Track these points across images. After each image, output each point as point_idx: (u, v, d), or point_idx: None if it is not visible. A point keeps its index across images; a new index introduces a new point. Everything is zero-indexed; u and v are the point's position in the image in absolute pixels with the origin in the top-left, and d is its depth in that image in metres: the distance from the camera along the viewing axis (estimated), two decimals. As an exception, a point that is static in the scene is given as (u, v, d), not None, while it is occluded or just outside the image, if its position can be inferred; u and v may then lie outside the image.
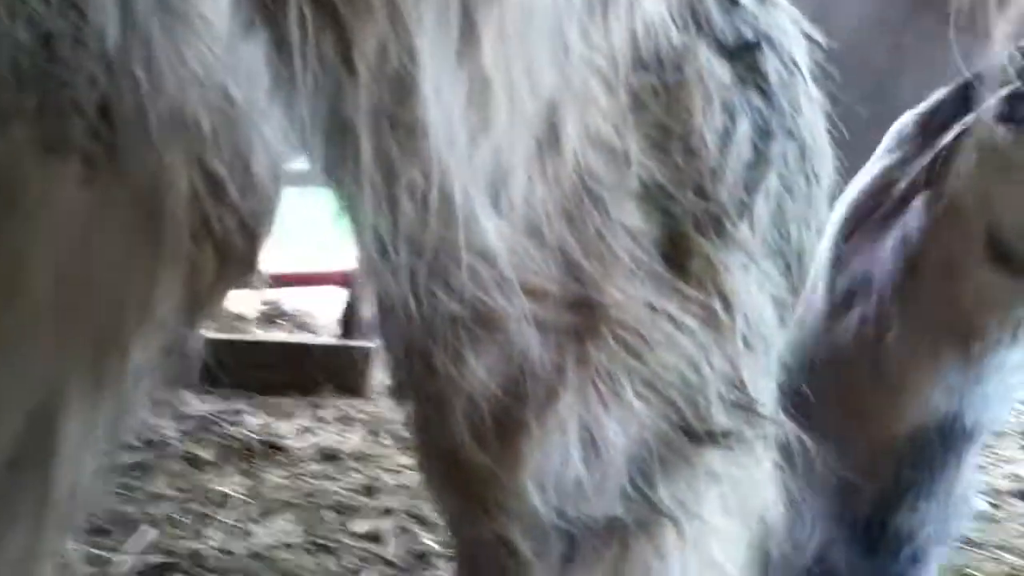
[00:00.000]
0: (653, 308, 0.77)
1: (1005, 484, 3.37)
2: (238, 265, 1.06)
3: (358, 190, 0.68)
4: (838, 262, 1.45)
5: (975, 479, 1.59)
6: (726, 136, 0.81)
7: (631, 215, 0.77)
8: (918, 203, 1.41)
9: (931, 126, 1.44)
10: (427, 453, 0.85)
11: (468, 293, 0.71)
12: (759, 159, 0.83)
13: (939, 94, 1.46)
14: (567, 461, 0.74)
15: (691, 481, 0.80)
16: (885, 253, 1.44)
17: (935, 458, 1.44)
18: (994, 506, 3.17)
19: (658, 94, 0.79)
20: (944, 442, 1.43)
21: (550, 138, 0.74)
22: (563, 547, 0.77)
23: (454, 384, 0.75)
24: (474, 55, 0.66)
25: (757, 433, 0.82)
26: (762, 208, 0.83)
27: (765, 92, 0.84)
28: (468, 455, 0.75)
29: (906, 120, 1.48)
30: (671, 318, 0.77)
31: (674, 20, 0.80)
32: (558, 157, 0.74)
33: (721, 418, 0.79)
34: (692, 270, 0.79)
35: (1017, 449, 3.68)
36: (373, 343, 3.29)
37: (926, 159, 1.40)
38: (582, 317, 0.75)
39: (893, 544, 1.49)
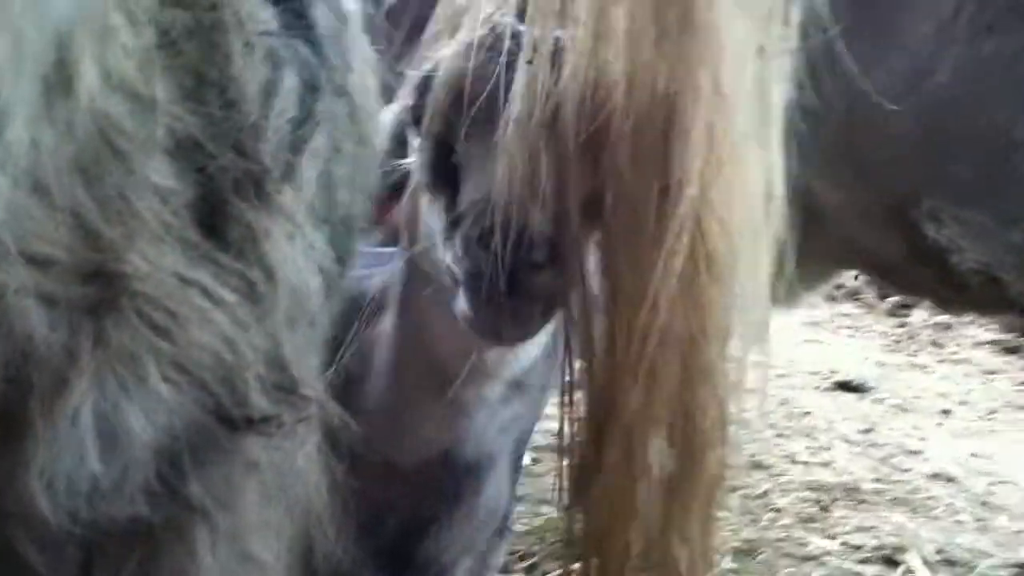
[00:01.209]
0: (184, 280, 0.75)
1: (542, 439, 3.82)
2: None
3: None
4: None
5: (504, 495, 1.75)
6: (269, 88, 0.81)
7: (160, 173, 0.75)
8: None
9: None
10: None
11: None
12: (306, 116, 0.84)
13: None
14: (81, 458, 0.70)
15: (227, 471, 0.80)
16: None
17: (447, 490, 1.58)
18: (534, 461, 3.59)
19: (192, 35, 0.77)
20: (452, 474, 1.57)
21: (60, 78, 0.69)
22: (80, 556, 0.74)
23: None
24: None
25: (300, 416, 0.83)
26: (308, 170, 0.84)
27: (313, 43, 0.85)
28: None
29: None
30: (205, 291, 0.76)
31: (212, -48, 0.77)
32: (70, 101, 0.70)
33: (261, 402, 0.80)
34: (230, 238, 0.78)
35: (552, 406, 4.17)
36: None
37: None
38: (99, 289, 0.72)
39: (420, 569, 1.63)
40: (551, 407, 4.20)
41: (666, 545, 1.30)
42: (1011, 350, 7.21)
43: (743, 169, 1.19)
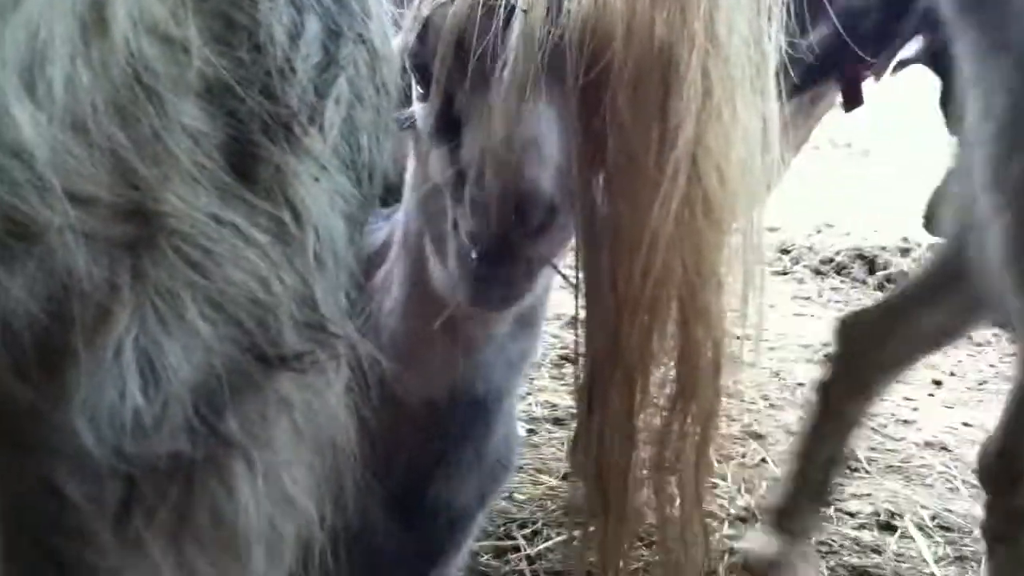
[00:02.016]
0: (218, 219, 0.77)
1: (540, 411, 3.90)
2: None
3: None
4: None
5: (511, 438, 1.78)
6: (295, 33, 0.83)
7: (192, 115, 0.77)
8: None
9: None
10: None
11: (-3, 198, 0.66)
12: (329, 61, 0.86)
13: None
14: (123, 392, 0.73)
15: (262, 409, 0.83)
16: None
17: (455, 428, 1.60)
18: (531, 432, 3.65)
19: (220, -21, 0.78)
20: (460, 411, 1.59)
21: (96, 19, 0.71)
22: (120, 491, 0.76)
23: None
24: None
25: (330, 354, 0.85)
26: (333, 115, 0.86)
27: (334, -11, 0.87)
28: (5, 389, 0.70)
29: None
30: (238, 230, 0.79)
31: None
32: (106, 42, 0.72)
33: (293, 339, 0.82)
34: (260, 179, 0.81)
35: (549, 379, 4.25)
36: None
37: None
38: (137, 227, 0.74)
39: (430, 514, 1.64)
40: (547, 380, 4.26)
41: (663, 486, 1.37)
42: (998, 323, 7.28)
43: (738, 116, 1.24)
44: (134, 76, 0.74)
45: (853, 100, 4.21)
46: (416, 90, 1.36)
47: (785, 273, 8.60)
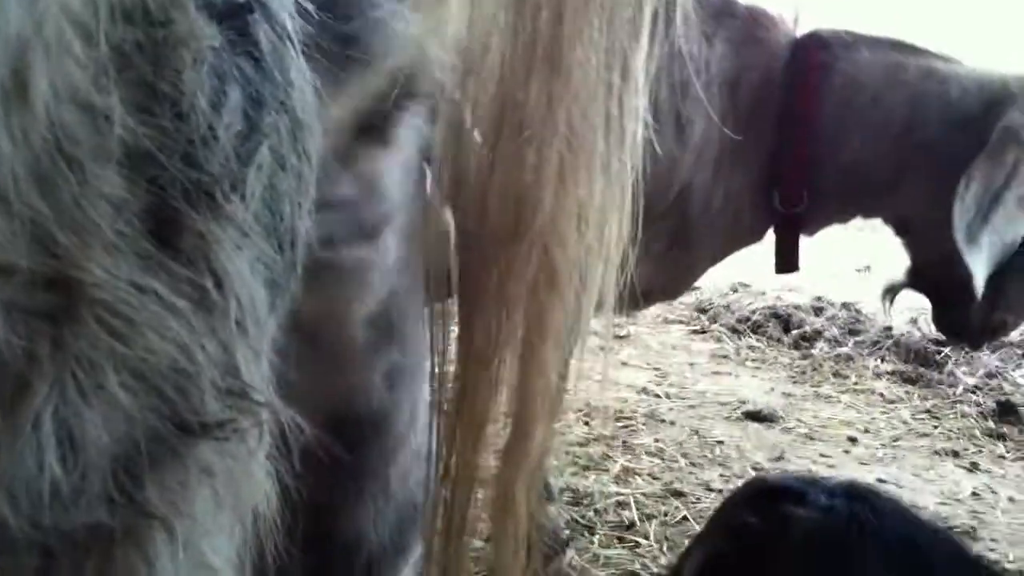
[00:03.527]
0: (139, 287, 0.78)
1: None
2: None
3: None
4: None
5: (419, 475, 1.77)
6: (217, 102, 0.84)
7: (113, 183, 0.77)
8: None
9: None
10: None
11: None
12: (251, 130, 0.87)
13: None
14: (41, 464, 0.72)
15: (182, 477, 0.82)
16: None
17: (357, 453, 1.57)
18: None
19: (143, 49, 0.80)
20: (356, 434, 1.55)
21: (16, 87, 0.72)
22: (37, 563, 0.75)
23: None
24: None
25: (252, 421, 0.85)
26: (255, 182, 0.87)
27: (257, 60, 0.89)
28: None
29: None
30: (159, 298, 0.79)
31: (159, -30, 0.80)
32: (26, 111, 0.72)
33: (214, 407, 0.82)
34: (182, 246, 0.81)
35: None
36: None
37: None
38: (58, 297, 0.74)
39: (343, 555, 1.59)
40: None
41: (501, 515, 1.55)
42: (910, 380, 7.53)
43: (590, 201, 1.40)
44: (55, 144, 0.74)
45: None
46: None
47: (703, 332, 8.75)
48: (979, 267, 3.75)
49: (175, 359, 0.81)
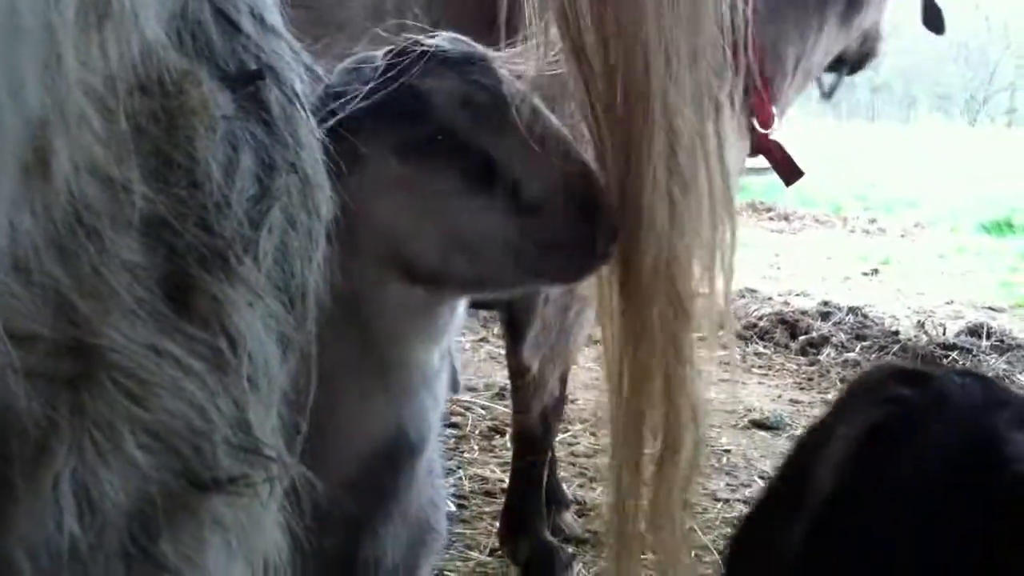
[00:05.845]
0: (156, 351, 0.80)
1: (470, 485, 3.90)
2: None
3: None
4: None
5: (439, 502, 1.81)
6: (230, 168, 0.87)
7: (131, 250, 0.80)
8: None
9: None
10: None
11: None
12: (263, 193, 0.90)
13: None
14: (60, 523, 0.75)
15: (196, 532, 0.85)
16: None
17: (384, 478, 1.63)
18: (461, 507, 3.65)
19: (159, 120, 0.83)
20: (388, 462, 1.62)
21: (38, 163, 0.74)
22: (56, 620, 0.77)
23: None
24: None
25: (264, 476, 0.88)
26: (267, 243, 0.90)
27: (268, 124, 0.92)
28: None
29: None
30: (176, 360, 0.81)
31: (174, 43, 0.83)
32: (48, 186, 0.74)
33: (227, 463, 0.85)
34: (197, 309, 0.84)
35: (479, 451, 4.26)
36: None
37: None
38: (77, 363, 0.76)
39: (366, 569, 1.64)
40: (477, 452, 4.25)
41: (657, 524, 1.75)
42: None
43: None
44: (75, 216, 0.77)
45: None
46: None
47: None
48: None
49: (190, 418, 0.83)
